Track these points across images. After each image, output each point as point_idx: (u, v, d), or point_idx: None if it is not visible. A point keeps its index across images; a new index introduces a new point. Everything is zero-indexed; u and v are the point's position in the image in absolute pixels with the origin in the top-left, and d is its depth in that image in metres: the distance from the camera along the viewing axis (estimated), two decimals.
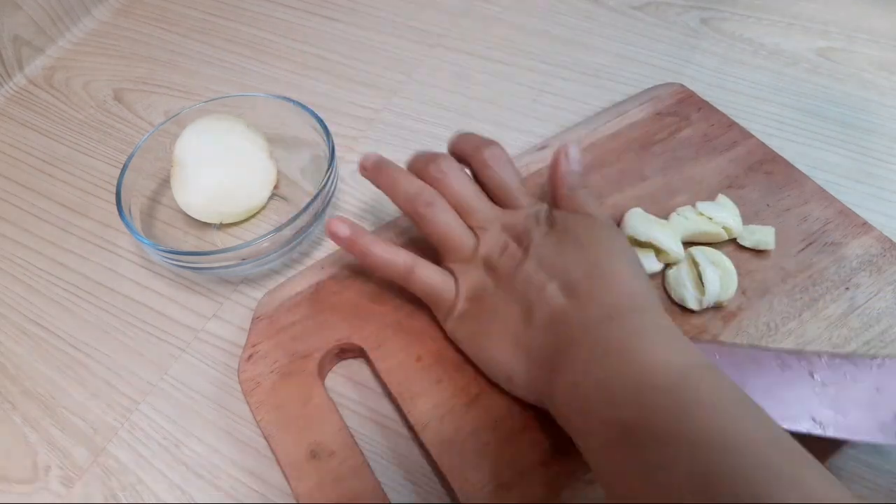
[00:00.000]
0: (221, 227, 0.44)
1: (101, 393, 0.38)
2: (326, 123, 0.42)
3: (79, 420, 0.37)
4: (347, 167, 0.48)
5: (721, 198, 0.40)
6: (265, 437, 0.34)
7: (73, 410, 0.38)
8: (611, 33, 0.55)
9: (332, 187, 0.41)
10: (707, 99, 0.47)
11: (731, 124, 0.45)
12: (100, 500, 0.35)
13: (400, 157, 0.48)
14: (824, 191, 0.41)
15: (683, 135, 0.45)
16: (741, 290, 0.37)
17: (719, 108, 0.46)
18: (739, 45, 0.53)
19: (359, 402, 0.36)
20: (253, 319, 0.37)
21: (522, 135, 0.48)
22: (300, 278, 0.39)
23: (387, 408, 0.36)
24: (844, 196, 0.41)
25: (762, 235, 0.38)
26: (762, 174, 0.42)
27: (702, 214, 0.39)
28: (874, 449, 0.33)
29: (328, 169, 0.40)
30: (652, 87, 0.48)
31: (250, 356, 0.36)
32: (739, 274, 0.37)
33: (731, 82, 0.50)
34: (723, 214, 0.39)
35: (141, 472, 0.35)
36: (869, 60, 0.51)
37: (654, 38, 0.54)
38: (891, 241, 0.38)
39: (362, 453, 0.33)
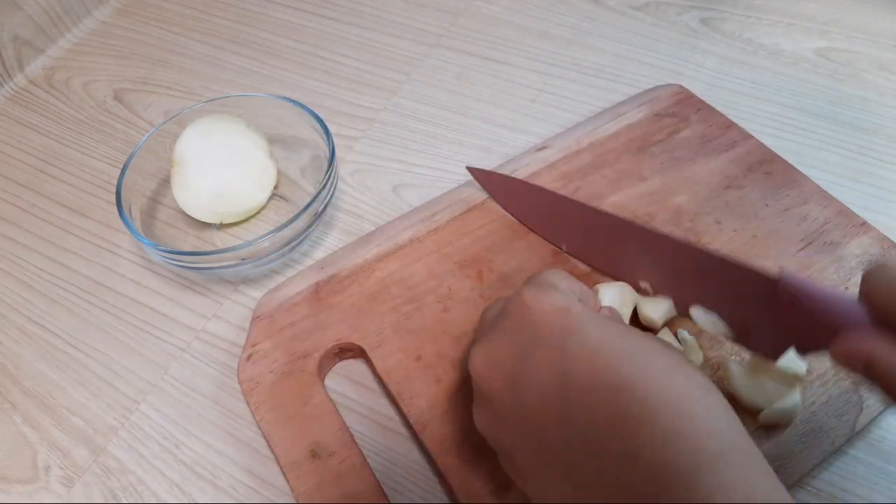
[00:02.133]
0: (221, 227, 0.44)
1: (101, 393, 0.38)
2: (326, 123, 0.42)
3: (79, 420, 0.37)
4: (347, 167, 0.48)
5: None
6: (265, 437, 0.34)
7: (73, 410, 0.38)
8: (611, 33, 0.55)
9: (332, 187, 0.41)
10: (707, 99, 0.47)
11: (730, 125, 0.45)
12: (100, 500, 0.35)
13: (400, 157, 0.48)
14: (823, 191, 0.41)
15: (682, 135, 0.45)
16: None
17: (719, 108, 0.46)
18: (739, 45, 0.53)
19: (358, 402, 0.36)
20: (252, 319, 0.37)
21: (522, 135, 0.48)
22: (300, 278, 0.39)
23: (386, 407, 0.36)
24: (844, 196, 0.41)
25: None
26: (761, 174, 0.42)
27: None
28: (874, 448, 0.33)
29: (328, 169, 0.40)
30: (651, 88, 0.48)
31: (250, 356, 0.36)
32: None
33: (731, 82, 0.50)
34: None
35: (141, 472, 0.35)
36: (869, 60, 0.51)
37: (654, 38, 0.54)
38: (890, 240, 0.38)
39: (362, 453, 0.33)
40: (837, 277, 0.37)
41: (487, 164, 0.46)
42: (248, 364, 0.36)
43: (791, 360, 0.32)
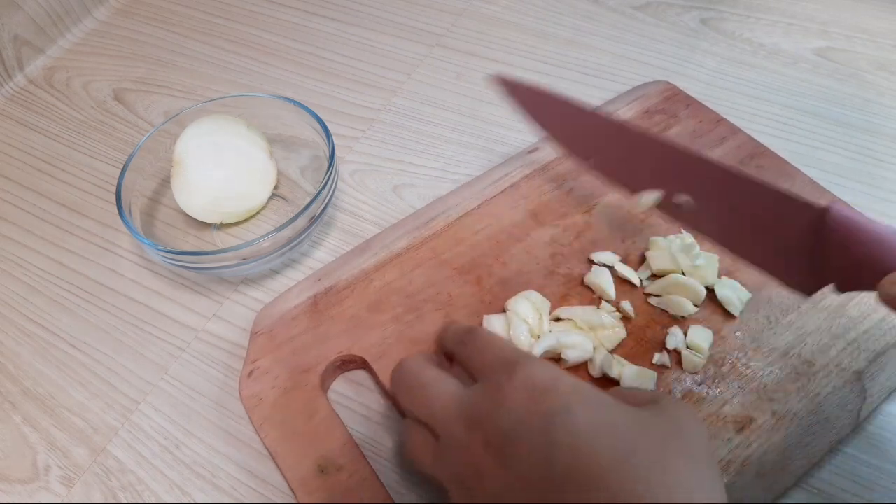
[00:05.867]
0: (221, 227, 0.44)
1: (101, 393, 0.38)
2: (326, 123, 0.42)
3: (79, 420, 0.37)
4: (347, 167, 0.48)
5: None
6: (271, 455, 0.33)
7: (73, 410, 0.38)
8: (611, 33, 0.55)
9: (332, 187, 0.41)
10: (707, 99, 0.47)
11: (720, 120, 0.45)
12: (100, 500, 0.35)
13: (400, 157, 0.48)
14: (815, 182, 0.41)
15: (673, 132, 0.45)
16: (741, 283, 0.37)
17: (719, 108, 0.46)
18: (739, 45, 0.53)
19: (362, 404, 0.36)
20: (251, 335, 0.37)
21: (522, 135, 0.48)
22: (296, 291, 0.39)
23: (389, 408, 0.36)
24: (844, 196, 0.41)
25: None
26: (753, 168, 0.42)
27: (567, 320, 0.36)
28: (874, 448, 0.33)
29: (328, 169, 0.40)
30: (640, 86, 0.48)
31: (251, 372, 0.36)
32: (738, 268, 0.37)
33: (731, 82, 0.50)
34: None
35: (141, 472, 0.35)
36: (869, 60, 0.51)
37: (654, 38, 0.54)
38: None
39: (371, 466, 0.32)
40: None
41: (487, 164, 0.46)
42: (249, 381, 0.35)
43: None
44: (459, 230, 0.41)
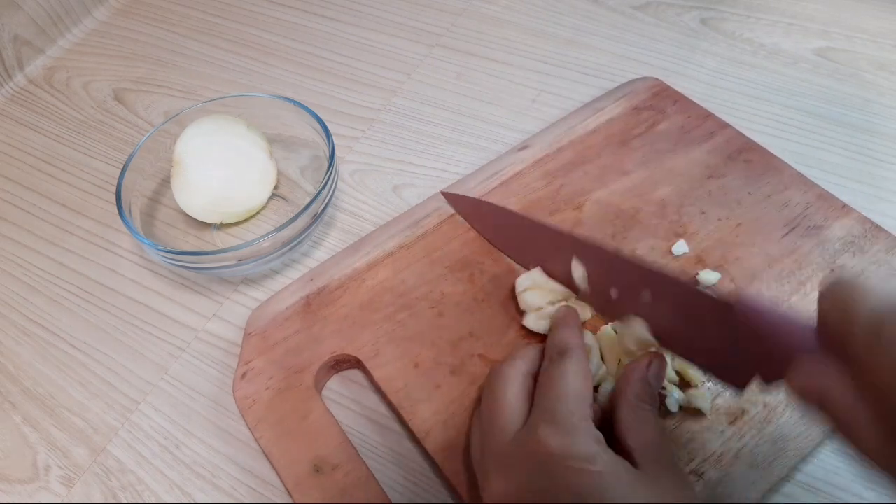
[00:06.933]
0: (221, 227, 0.44)
1: (101, 393, 0.38)
2: (326, 123, 0.42)
3: (79, 420, 0.37)
4: (347, 167, 0.48)
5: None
6: (266, 455, 0.33)
7: (73, 410, 0.38)
8: (611, 33, 0.55)
9: (332, 187, 0.41)
10: (707, 99, 0.47)
11: (708, 115, 0.45)
12: (100, 500, 0.35)
13: (400, 157, 0.48)
14: (802, 176, 0.41)
15: (661, 128, 0.45)
16: (729, 277, 0.37)
17: (719, 108, 0.46)
18: (739, 45, 0.53)
19: (357, 402, 0.36)
20: (244, 336, 0.37)
21: (522, 135, 0.48)
22: (289, 292, 0.39)
23: (384, 406, 0.36)
24: (844, 196, 0.40)
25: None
26: (741, 162, 0.42)
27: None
28: None
29: (328, 169, 0.40)
30: (627, 83, 0.48)
31: (244, 374, 0.35)
32: (728, 262, 0.38)
33: (731, 82, 0.50)
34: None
35: (141, 472, 0.35)
36: (869, 60, 0.51)
37: (654, 38, 0.54)
38: (871, 221, 0.39)
39: (366, 464, 0.32)
40: (822, 260, 0.38)
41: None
42: (242, 382, 0.35)
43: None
44: (450, 228, 0.41)
